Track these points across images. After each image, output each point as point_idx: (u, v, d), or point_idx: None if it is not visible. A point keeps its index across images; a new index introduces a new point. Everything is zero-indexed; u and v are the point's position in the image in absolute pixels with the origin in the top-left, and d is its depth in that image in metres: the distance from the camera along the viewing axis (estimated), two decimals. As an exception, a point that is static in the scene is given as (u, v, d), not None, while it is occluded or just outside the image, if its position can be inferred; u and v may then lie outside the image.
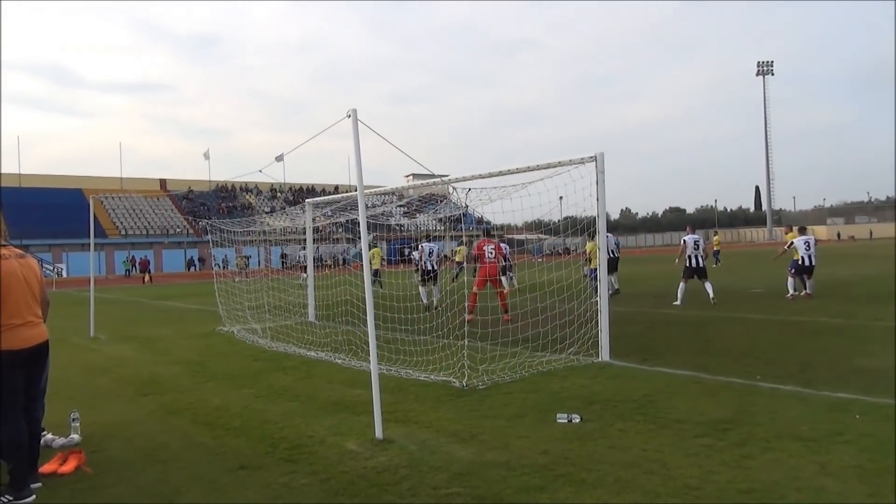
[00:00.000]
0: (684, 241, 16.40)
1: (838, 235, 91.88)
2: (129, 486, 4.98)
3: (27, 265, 5.12)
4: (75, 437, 6.06)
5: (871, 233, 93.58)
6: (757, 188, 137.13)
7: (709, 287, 15.77)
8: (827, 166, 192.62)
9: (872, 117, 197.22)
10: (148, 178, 73.15)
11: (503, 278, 17.14)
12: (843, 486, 4.33)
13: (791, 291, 16.28)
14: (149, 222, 64.89)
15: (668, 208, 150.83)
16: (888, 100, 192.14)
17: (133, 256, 57.50)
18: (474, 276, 13.99)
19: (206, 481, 4.96)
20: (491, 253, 13.33)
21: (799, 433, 5.43)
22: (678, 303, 15.55)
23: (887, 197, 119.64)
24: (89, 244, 14.96)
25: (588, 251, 16.69)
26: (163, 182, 73.48)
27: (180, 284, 38.71)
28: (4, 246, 5.05)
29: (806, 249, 16.20)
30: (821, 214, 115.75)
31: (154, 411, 7.27)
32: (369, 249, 7.14)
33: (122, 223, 63.02)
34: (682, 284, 15.95)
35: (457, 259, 22.27)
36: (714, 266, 17.34)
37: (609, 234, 15.74)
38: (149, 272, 45.08)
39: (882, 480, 4.40)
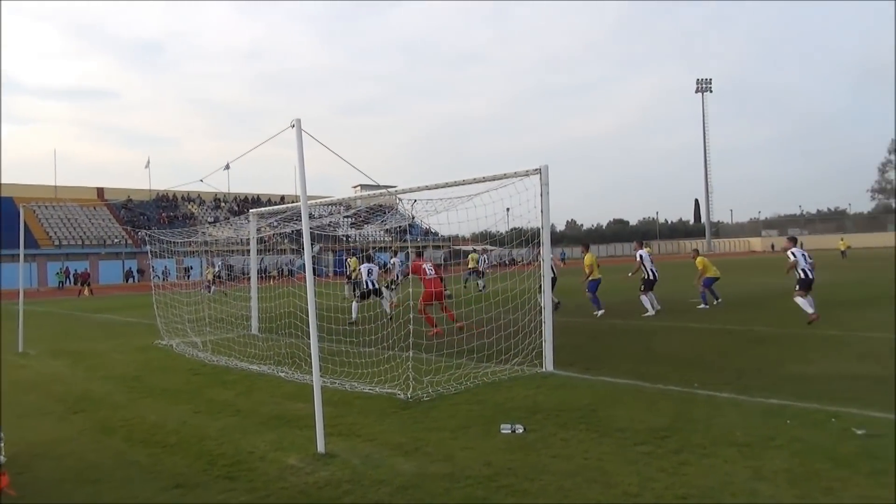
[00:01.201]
0: (641, 255, 16.73)
1: (772, 247, 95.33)
2: (57, 508, 4.77)
3: None
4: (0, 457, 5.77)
5: (802, 244, 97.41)
6: (696, 201, 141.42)
7: (652, 298, 16.32)
8: (761, 180, 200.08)
9: (803, 134, 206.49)
10: (84, 186, 70.58)
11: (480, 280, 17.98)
12: (775, 490, 4.47)
13: (811, 310, 13.04)
14: (85, 232, 62.57)
15: (612, 220, 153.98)
16: (819, 115, 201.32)
17: (67, 268, 55.32)
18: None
19: (139, 501, 4.79)
20: (430, 270, 13.62)
21: (734, 439, 5.59)
22: (651, 313, 15.84)
23: (818, 210, 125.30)
24: (19, 255, 14.34)
25: (587, 264, 17.21)
26: (100, 191, 70.97)
27: (118, 296, 37.44)
28: None
29: (805, 262, 13.60)
30: (756, 227, 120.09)
31: (86, 429, 6.98)
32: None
33: (55, 233, 60.59)
34: (645, 297, 16.29)
35: (470, 265, 22.33)
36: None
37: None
38: (88, 284, 43.54)
39: (811, 483, 4.56)
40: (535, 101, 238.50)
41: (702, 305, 17.51)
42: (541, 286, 15.59)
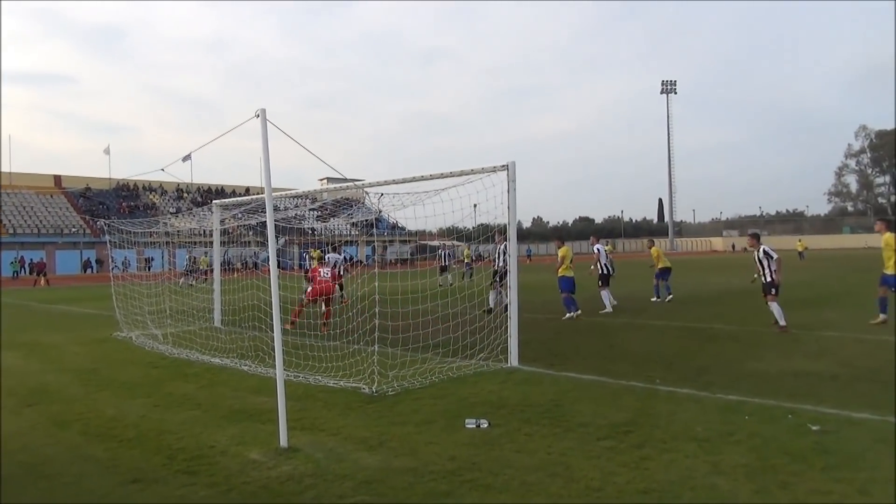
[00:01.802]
0: (598, 249, 16.80)
1: (733, 247, 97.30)
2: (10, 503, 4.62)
3: None
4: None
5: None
6: (660, 200, 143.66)
7: (609, 294, 16.57)
8: (723, 181, 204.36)
9: (765, 137, 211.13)
10: (41, 173, 68.68)
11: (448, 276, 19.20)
12: (733, 484, 4.55)
13: (781, 322, 11.95)
14: (41, 220, 60.87)
15: (577, 218, 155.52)
16: (783, 121, 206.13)
17: (22, 257, 53.80)
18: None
19: (95, 496, 4.68)
20: (326, 273, 14.38)
21: (694, 434, 5.69)
22: (609, 309, 15.97)
23: (777, 212, 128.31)
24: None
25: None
26: (57, 178, 69.18)
27: (75, 287, 36.53)
28: None
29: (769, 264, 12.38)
30: (717, 227, 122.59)
31: (40, 423, 6.79)
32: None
33: (9, 221, 58.81)
34: (604, 292, 16.42)
35: (465, 259, 22.35)
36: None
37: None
38: (44, 274, 42.46)
39: (768, 477, 4.66)
40: (502, 100, 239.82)
41: (654, 298, 18.36)
42: (492, 283, 15.74)
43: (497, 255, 15.31)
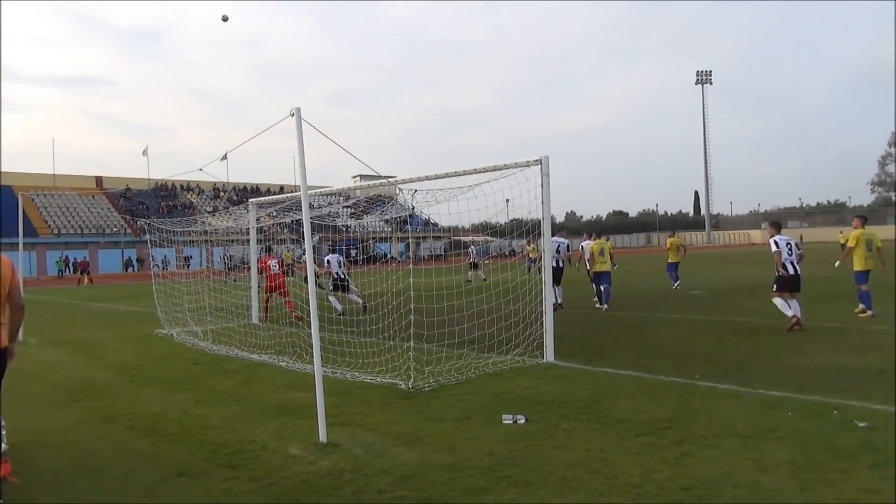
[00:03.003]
0: (582, 247, 16.39)
1: (801, 238, 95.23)
2: (60, 496, 4.77)
3: None
4: (2, 445, 5.76)
5: (801, 237, 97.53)
6: (696, 193, 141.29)
7: (559, 291, 16.00)
8: (761, 173, 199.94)
9: (805, 126, 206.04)
10: (83, 175, 70.41)
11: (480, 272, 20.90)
12: (777, 482, 4.47)
13: (789, 313, 11.27)
14: (83, 221, 62.46)
15: (611, 212, 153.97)
16: (822, 109, 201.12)
17: (66, 256, 55.27)
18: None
19: (141, 490, 4.79)
20: (275, 266, 15.27)
21: (735, 430, 5.59)
22: (601, 305, 15.76)
23: (818, 203, 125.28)
24: (18, 243, 14.31)
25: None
26: (99, 179, 70.83)
27: (117, 286, 37.44)
28: None
29: (789, 253, 11.63)
30: (755, 219, 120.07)
31: (87, 418, 6.99)
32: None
33: (54, 222, 60.48)
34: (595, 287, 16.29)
35: (530, 255, 22.79)
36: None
37: (558, 238, 15.91)
38: (88, 273, 43.56)
39: (813, 475, 4.56)
40: (535, 93, 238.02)
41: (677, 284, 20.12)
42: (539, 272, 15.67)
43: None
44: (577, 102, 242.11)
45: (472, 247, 28.84)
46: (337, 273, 16.53)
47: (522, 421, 6.11)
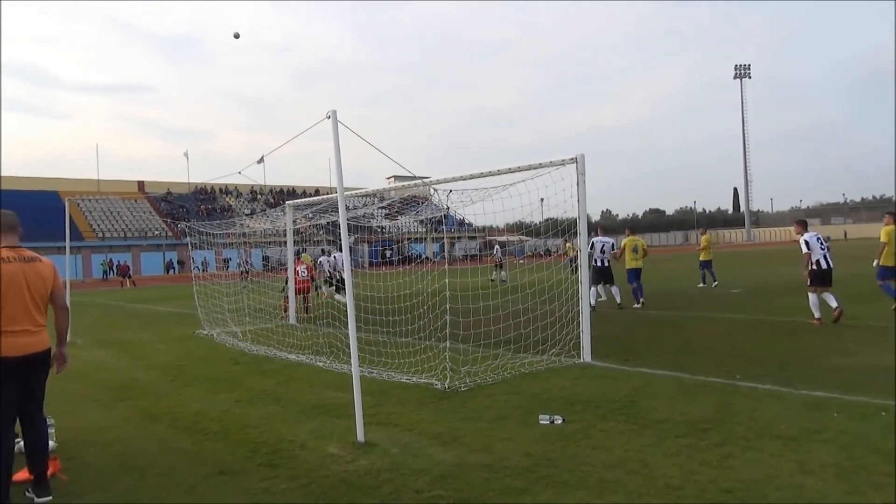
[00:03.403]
0: (593, 243, 15.60)
1: (828, 238, 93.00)
2: (106, 492, 4.90)
3: (34, 269, 4.78)
4: (51, 443, 5.93)
5: (845, 234, 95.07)
6: (735, 190, 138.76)
7: (595, 293, 15.71)
8: (803, 168, 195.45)
9: (849, 119, 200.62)
10: (125, 179, 72.22)
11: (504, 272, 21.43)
12: (822, 485, 4.36)
13: (817, 314, 11.57)
14: (126, 224, 64.05)
15: (648, 210, 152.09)
16: (865, 102, 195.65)
17: (110, 259, 56.71)
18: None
19: (184, 487, 4.89)
20: (303, 272, 15.89)
21: (778, 432, 5.48)
22: (592, 303, 15.31)
23: (862, 198, 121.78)
24: (65, 247, 14.72)
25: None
26: (141, 184, 72.58)
27: (159, 287, 38.27)
28: (14, 248, 4.78)
29: (821, 249, 11.95)
30: (797, 216, 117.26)
31: (131, 416, 7.16)
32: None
33: (98, 225, 62.15)
34: (592, 288, 15.76)
35: (567, 253, 23.05)
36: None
37: (603, 238, 15.74)
38: (129, 276, 44.58)
39: (860, 478, 4.44)
40: (569, 90, 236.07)
41: (700, 285, 20.47)
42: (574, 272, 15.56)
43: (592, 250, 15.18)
44: (613, 99, 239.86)
45: (497, 247, 28.76)
46: (331, 273, 18.18)
47: (559, 421, 6.07)
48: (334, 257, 19.64)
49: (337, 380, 8.51)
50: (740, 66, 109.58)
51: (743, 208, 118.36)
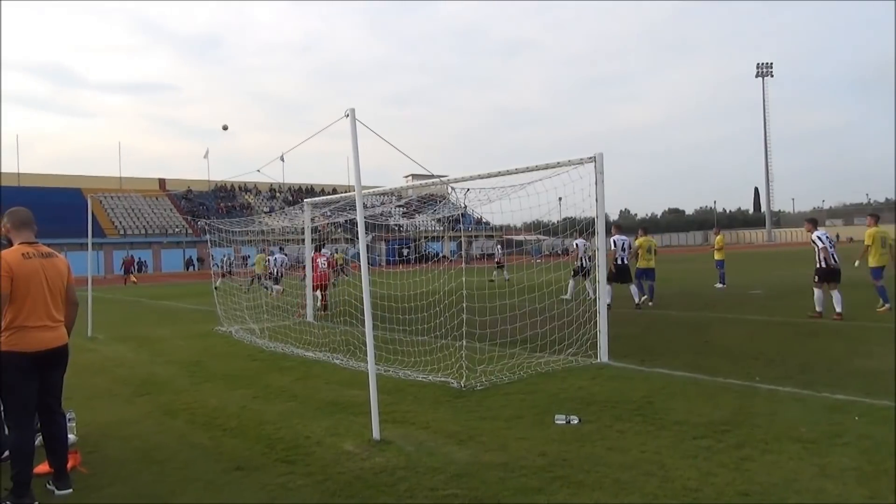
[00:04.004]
0: (613, 241, 15.54)
1: (837, 237, 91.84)
2: (125, 486, 4.96)
3: (52, 264, 4.84)
4: (71, 436, 6.00)
5: (837, 235, 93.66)
6: (756, 189, 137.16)
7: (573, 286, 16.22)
8: (826, 168, 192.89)
9: (872, 119, 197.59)
10: (147, 177, 73.09)
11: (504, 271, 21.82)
12: (843, 489, 4.31)
13: (819, 308, 12.61)
14: (148, 222, 64.79)
15: (667, 209, 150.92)
16: (888, 101, 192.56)
17: (131, 256, 57.35)
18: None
19: (202, 482, 4.94)
20: (324, 264, 16.10)
21: (798, 435, 5.41)
22: (567, 296, 15.29)
23: (886, 199, 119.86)
24: (87, 243, 14.92)
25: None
26: (162, 182, 73.38)
27: (178, 284, 38.64)
28: (31, 244, 4.84)
29: (830, 247, 12.79)
30: (820, 216, 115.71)
31: (151, 411, 7.24)
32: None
33: (120, 223, 62.94)
34: (572, 280, 15.98)
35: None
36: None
37: (622, 237, 15.69)
38: (132, 272, 42.04)
39: (881, 483, 4.38)
40: (589, 90, 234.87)
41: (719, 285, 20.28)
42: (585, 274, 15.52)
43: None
44: (632, 98, 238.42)
45: (498, 246, 28.59)
46: (277, 271, 20.22)
47: (575, 421, 6.05)
48: (276, 258, 22.27)
49: (353, 377, 8.54)
50: (762, 64, 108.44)
51: (764, 208, 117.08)
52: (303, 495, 4.59)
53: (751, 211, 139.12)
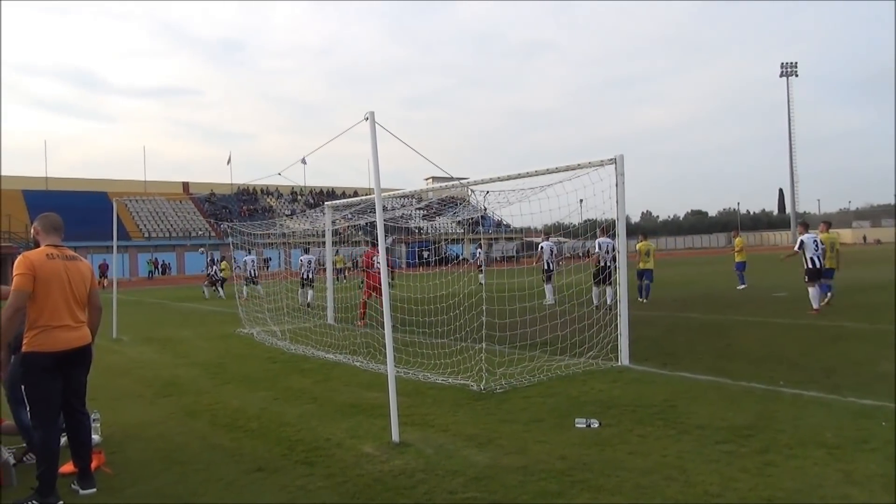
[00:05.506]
0: (598, 244, 15.34)
1: (864, 239, 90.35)
2: (148, 486, 5.02)
3: (75, 267, 4.94)
4: (96, 437, 6.10)
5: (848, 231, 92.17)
6: (780, 191, 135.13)
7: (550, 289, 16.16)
8: (852, 169, 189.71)
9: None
10: (171, 181, 74.02)
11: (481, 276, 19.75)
12: (869, 496, 4.23)
13: (816, 305, 13.99)
14: (171, 225, 65.59)
15: (689, 211, 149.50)
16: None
17: (156, 258, 58.14)
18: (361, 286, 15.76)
19: (223, 483, 4.98)
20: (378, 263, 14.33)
21: (823, 440, 5.33)
22: (550, 300, 15.12)
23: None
24: (112, 246, 15.14)
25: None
26: (185, 185, 74.28)
27: (201, 286, 38.96)
28: (57, 246, 4.94)
29: (815, 249, 14.37)
30: (846, 217, 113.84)
31: (173, 413, 7.32)
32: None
33: (145, 226, 63.79)
34: (595, 289, 15.65)
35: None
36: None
37: (606, 239, 15.40)
38: (105, 276, 40.90)
39: (909, 490, 4.29)
40: (610, 91, 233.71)
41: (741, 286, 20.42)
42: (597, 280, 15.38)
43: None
44: (654, 99, 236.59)
45: (478, 251, 27.98)
46: (305, 272, 20.02)
47: (596, 425, 6.01)
48: (249, 259, 22.39)
49: (373, 380, 8.56)
50: (787, 63, 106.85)
51: (788, 210, 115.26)
52: (322, 497, 4.61)
53: (775, 212, 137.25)
